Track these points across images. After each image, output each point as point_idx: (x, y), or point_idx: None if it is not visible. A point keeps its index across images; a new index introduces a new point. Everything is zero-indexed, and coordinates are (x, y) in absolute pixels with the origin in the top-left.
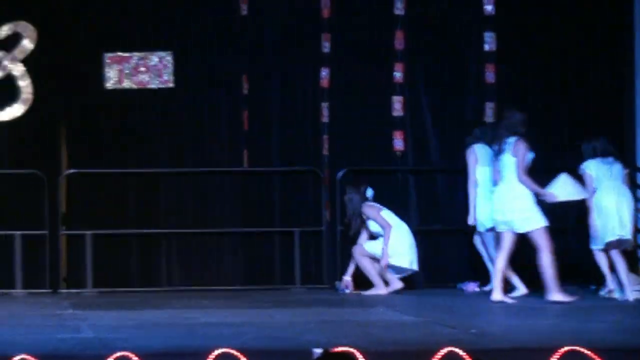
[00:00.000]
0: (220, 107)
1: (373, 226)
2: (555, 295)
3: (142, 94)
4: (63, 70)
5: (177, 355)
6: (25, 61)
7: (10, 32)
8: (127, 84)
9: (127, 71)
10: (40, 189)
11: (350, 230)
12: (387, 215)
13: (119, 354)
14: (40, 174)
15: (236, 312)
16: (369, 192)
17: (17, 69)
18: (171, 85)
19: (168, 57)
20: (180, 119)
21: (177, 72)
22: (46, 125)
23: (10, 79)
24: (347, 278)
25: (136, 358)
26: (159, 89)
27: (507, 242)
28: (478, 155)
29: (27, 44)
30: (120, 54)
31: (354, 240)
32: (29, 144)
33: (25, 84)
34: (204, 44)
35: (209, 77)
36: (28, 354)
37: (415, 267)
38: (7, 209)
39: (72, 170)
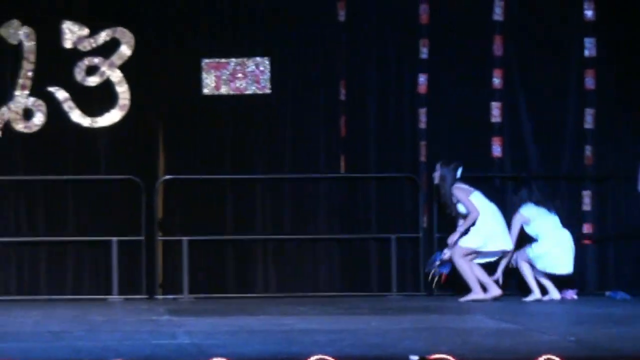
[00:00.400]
0: (318, 113)
1: (461, 208)
2: None
3: (239, 100)
4: (160, 76)
5: None
6: (123, 67)
7: (108, 38)
8: (224, 89)
9: (224, 77)
10: (137, 195)
11: (451, 211)
12: (478, 199)
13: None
14: (137, 180)
15: (332, 318)
16: (459, 172)
17: (115, 75)
18: (268, 91)
19: (265, 63)
20: (277, 125)
21: (274, 77)
22: (143, 131)
23: (108, 85)
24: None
25: None
26: (256, 94)
27: None
28: None
29: (125, 50)
30: (217, 60)
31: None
32: (126, 149)
33: (122, 90)
34: (301, 50)
35: (306, 82)
36: (124, 359)
37: (508, 247)
38: (104, 215)
39: (168, 176)
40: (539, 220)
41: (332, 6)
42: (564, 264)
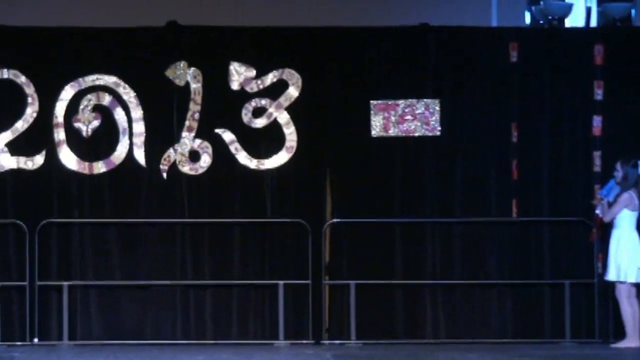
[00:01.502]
0: (489, 155)
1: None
2: None
3: (408, 142)
4: (328, 118)
5: None
6: (290, 109)
7: (275, 79)
8: (393, 131)
9: (393, 119)
10: (303, 238)
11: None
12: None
13: None
14: (304, 223)
15: None
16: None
17: (282, 117)
18: (438, 133)
19: (435, 105)
20: (447, 167)
21: (444, 119)
22: (310, 173)
23: (275, 127)
24: None
25: None
26: (426, 136)
27: None
28: None
29: (293, 92)
30: (386, 101)
31: None
32: (292, 192)
33: (290, 132)
34: (472, 91)
35: (476, 124)
36: None
37: None
38: (270, 258)
39: (336, 220)
40: None
41: (504, 47)
42: None
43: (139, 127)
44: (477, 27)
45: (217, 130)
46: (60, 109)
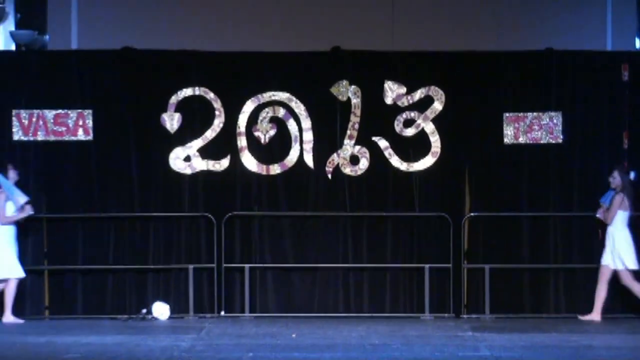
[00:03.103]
0: (602, 161)
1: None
2: None
3: (534, 149)
4: (467, 128)
5: None
6: (435, 120)
7: (423, 95)
8: (522, 139)
9: (522, 129)
10: (446, 229)
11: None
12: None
13: None
14: (447, 217)
15: (614, 337)
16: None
17: (428, 127)
18: (560, 140)
19: (558, 117)
20: (567, 170)
21: (566, 129)
22: (452, 174)
23: (422, 135)
24: None
25: None
26: (550, 144)
27: None
28: None
29: (437, 106)
30: (517, 114)
31: None
32: (436, 190)
33: (434, 140)
34: (589, 105)
35: (593, 133)
36: None
37: None
38: (417, 246)
39: (473, 214)
40: None
41: (617, 68)
42: None
43: (308, 136)
44: (593, 50)
45: (373, 138)
46: (242, 120)
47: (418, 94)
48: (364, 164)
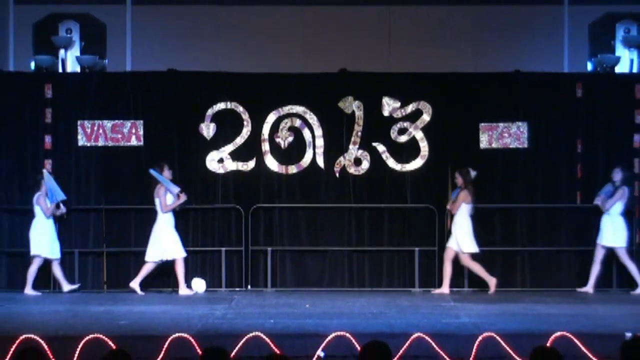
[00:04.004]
0: (560, 161)
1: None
2: None
3: (504, 152)
4: (450, 135)
5: (527, 335)
6: (424, 129)
7: (414, 108)
8: (495, 144)
9: (495, 136)
10: (432, 218)
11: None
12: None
13: (485, 334)
14: (433, 208)
15: (571, 307)
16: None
17: (418, 135)
18: (526, 146)
19: (524, 126)
20: (532, 170)
21: (531, 137)
22: (438, 174)
23: (413, 142)
24: None
25: (500, 337)
26: (518, 148)
27: None
28: None
29: (426, 117)
30: (490, 123)
31: None
32: (425, 186)
33: (423, 145)
34: (550, 117)
35: (553, 140)
36: (425, 333)
37: None
38: (409, 232)
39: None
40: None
41: (572, 86)
42: None
43: (320, 142)
44: (553, 72)
45: (373, 144)
46: (266, 129)
47: (410, 108)
48: (365, 165)
